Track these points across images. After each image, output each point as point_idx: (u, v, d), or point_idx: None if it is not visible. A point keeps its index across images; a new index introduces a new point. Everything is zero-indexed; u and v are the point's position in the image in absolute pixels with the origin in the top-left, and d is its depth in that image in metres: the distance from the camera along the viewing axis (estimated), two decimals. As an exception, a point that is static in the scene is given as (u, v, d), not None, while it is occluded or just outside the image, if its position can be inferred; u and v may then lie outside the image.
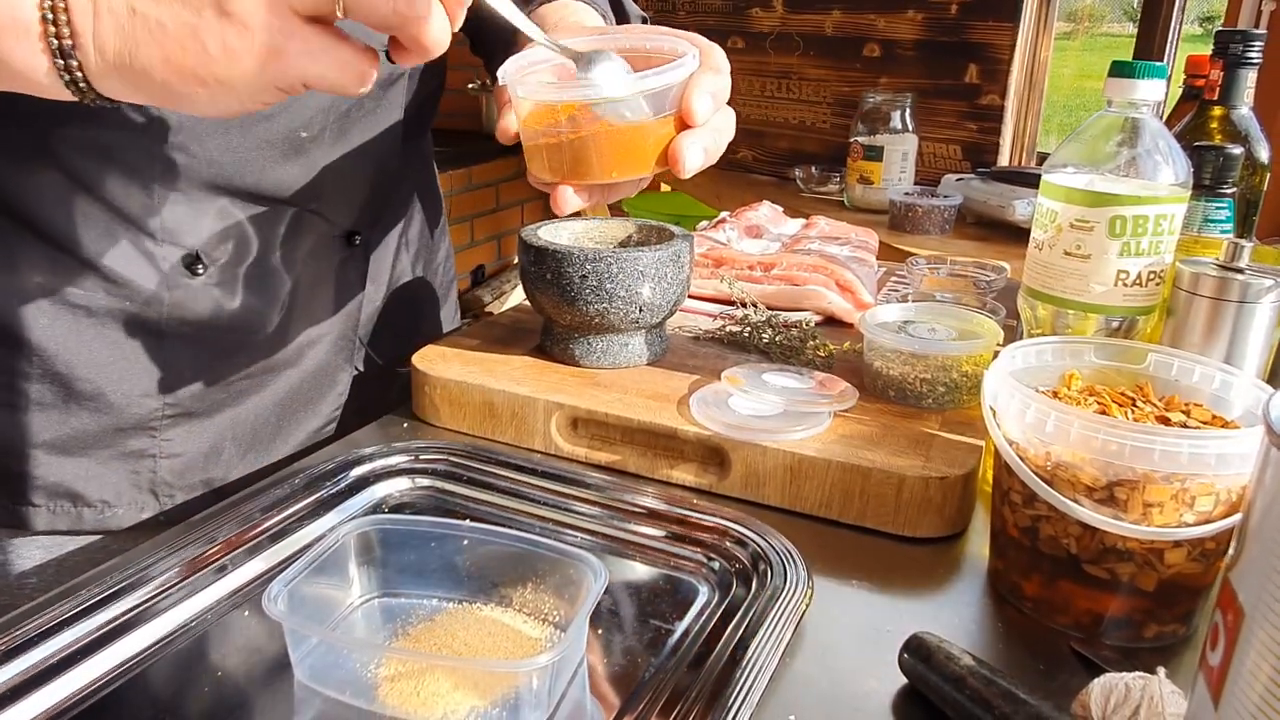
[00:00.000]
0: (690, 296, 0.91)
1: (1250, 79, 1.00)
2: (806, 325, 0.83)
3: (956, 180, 1.63)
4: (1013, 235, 1.47)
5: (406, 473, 0.64)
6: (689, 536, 0.57)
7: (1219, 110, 1.02)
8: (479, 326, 0.83)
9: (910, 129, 1.71)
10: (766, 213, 1.17)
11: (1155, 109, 0.70)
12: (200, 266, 0.68)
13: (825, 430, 0.63)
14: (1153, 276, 0.69)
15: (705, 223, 1.11)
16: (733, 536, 0.56)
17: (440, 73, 0.82)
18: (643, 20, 0.82)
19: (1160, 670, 0.40)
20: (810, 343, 0.79)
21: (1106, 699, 0.40)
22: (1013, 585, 0.54)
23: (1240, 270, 0.66)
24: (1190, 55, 1.16)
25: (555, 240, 0.75)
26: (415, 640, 0.49)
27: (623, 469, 0.66)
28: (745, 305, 0.87)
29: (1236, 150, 0.83)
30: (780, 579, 0.51)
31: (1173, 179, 0.68)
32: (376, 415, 0.75)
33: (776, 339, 0.80)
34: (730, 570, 0.54)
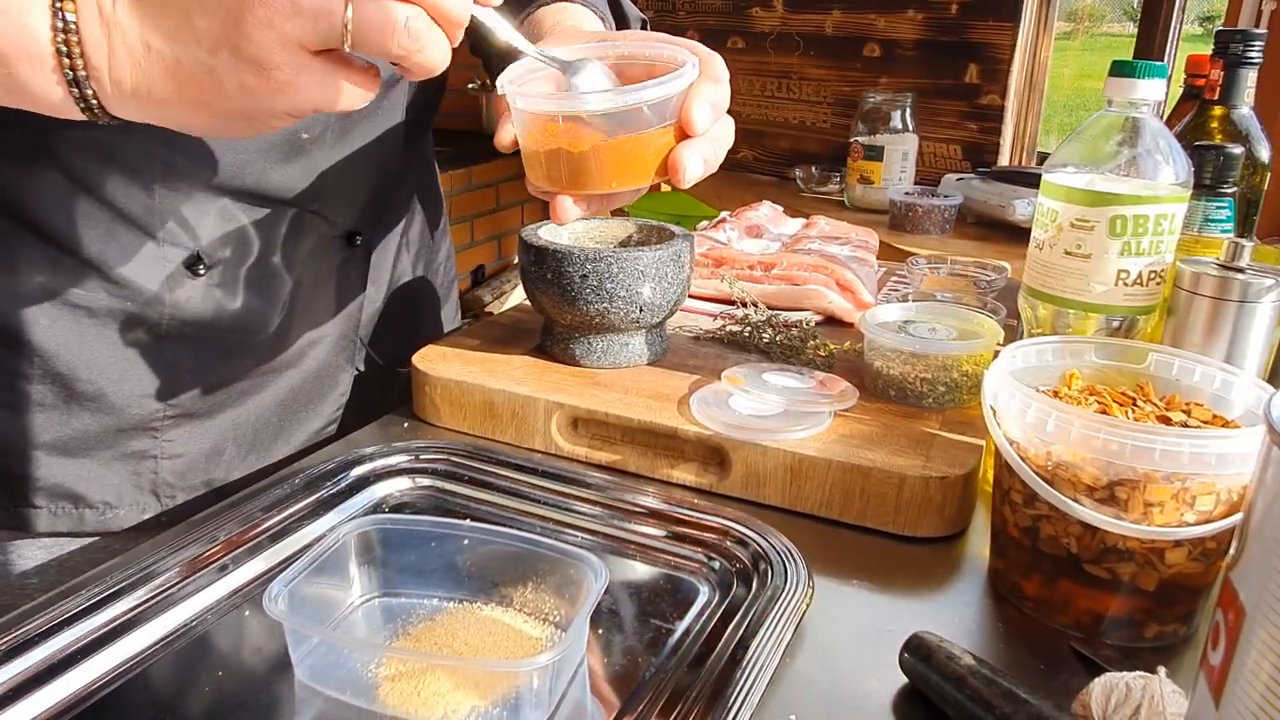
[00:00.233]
0: (691, 296, 0.91)
1: (1250, 78, 1.00)
2: (807, 325, 0.83)
3: (957, 180, 1.63)
4: (1013, 235, 1.47)
5: (407, 472, 0.64)
6: (689, 536, 0.57)
7: (1219, 110, 1.02)
8: (479, 326, 0.83)
9: (910, 129, 1.71)
10: (767, 212, 1.17)
11: (1155, 109, 0.70)
12: (201, 267, 0.68)
13: (825, 430, 0.63)
14: (1153, 276, 0.69)
15: (705, 222, 1.12)
16: (733, 536, 0.56)
17: (441, 75, 0.82)
18: (642, 22, 0.82)
19: (1161, 670, 0.40)
20: (810, 342, 0.79)
21: (1107, 699, 0.40)
22: (1013, 585, 0.54)
23: (1241, 270, 0.66)
24: (1190, 55, 1.16)
25: (555, 240, 0.75)
26: (416, 640, 0.49)
27: (623, 469, 0.66)
28: (745, 305, 0.87)
29: (1237, 150, 0.83)
30: (781, 579, 0.51)
31: (1173, 179, 0.68)
32: (377, 415, 0.75)
33: (777, 339, 0.80)
34: (731, 570, 0.54)
